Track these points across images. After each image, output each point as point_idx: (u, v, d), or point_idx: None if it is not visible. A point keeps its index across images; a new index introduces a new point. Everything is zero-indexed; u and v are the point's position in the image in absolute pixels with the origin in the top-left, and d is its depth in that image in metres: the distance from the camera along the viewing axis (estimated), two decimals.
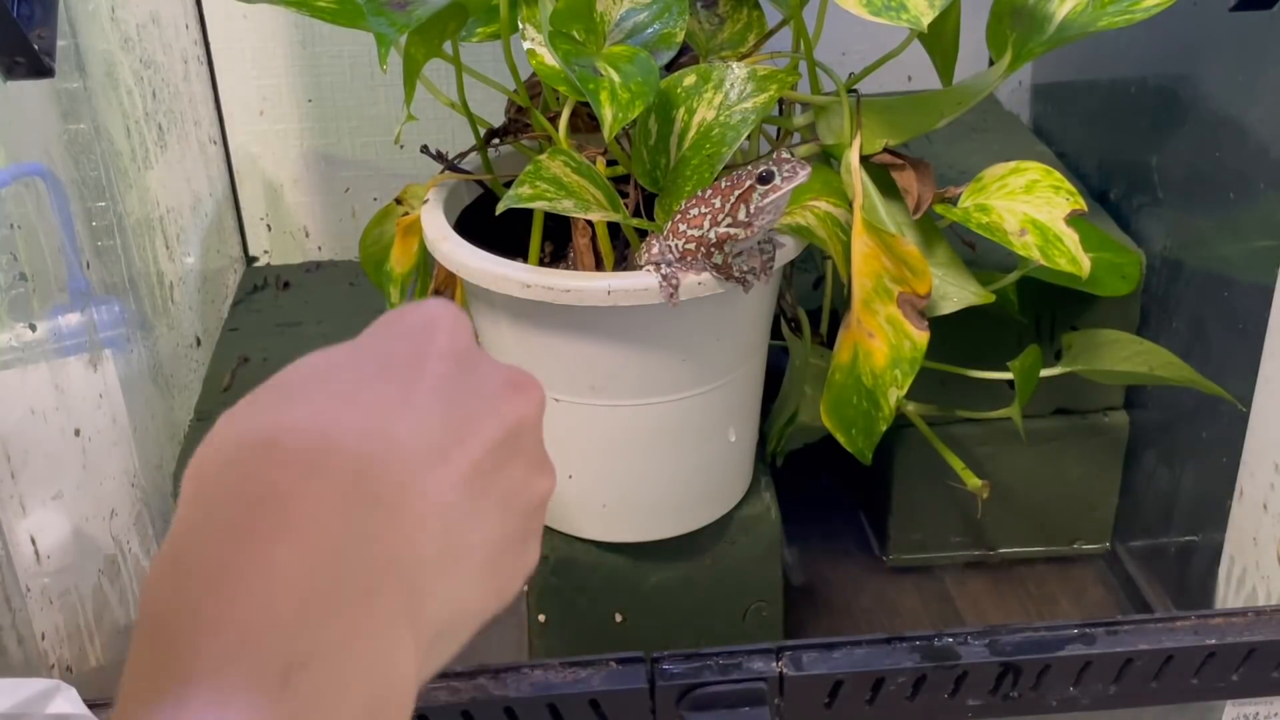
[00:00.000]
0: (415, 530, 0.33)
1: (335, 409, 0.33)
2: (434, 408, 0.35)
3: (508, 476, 0.37)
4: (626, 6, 0.69)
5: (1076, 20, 0.68)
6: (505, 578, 0.37)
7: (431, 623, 0.33)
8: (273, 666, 0.28)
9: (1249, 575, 0.77)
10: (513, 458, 0.37)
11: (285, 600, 0.29)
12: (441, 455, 0.34)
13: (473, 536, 0.35)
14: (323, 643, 0.29)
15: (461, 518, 0.34)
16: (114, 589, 0.74)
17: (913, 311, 0.68)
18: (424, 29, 0.63)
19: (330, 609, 0.30)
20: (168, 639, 0.29)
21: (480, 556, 0.35)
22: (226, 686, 0.28)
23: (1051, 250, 0.68)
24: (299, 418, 0.32)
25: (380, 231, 0.78)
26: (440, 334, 0.37)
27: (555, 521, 0.77)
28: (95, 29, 0.80)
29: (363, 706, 0.30)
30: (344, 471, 0.31)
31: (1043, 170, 0.71)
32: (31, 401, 0.66)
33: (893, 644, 0.65)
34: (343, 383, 0.34)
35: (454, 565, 0.34)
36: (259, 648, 0.28)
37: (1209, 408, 0.79)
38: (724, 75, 0.68)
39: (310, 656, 0.29)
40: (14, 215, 0.65)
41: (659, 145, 0.68)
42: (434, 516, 0.33)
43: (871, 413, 0.71)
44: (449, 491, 0.34)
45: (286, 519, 0.30)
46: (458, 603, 0.35)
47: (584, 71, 0.62)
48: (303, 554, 0.30)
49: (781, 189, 0.63)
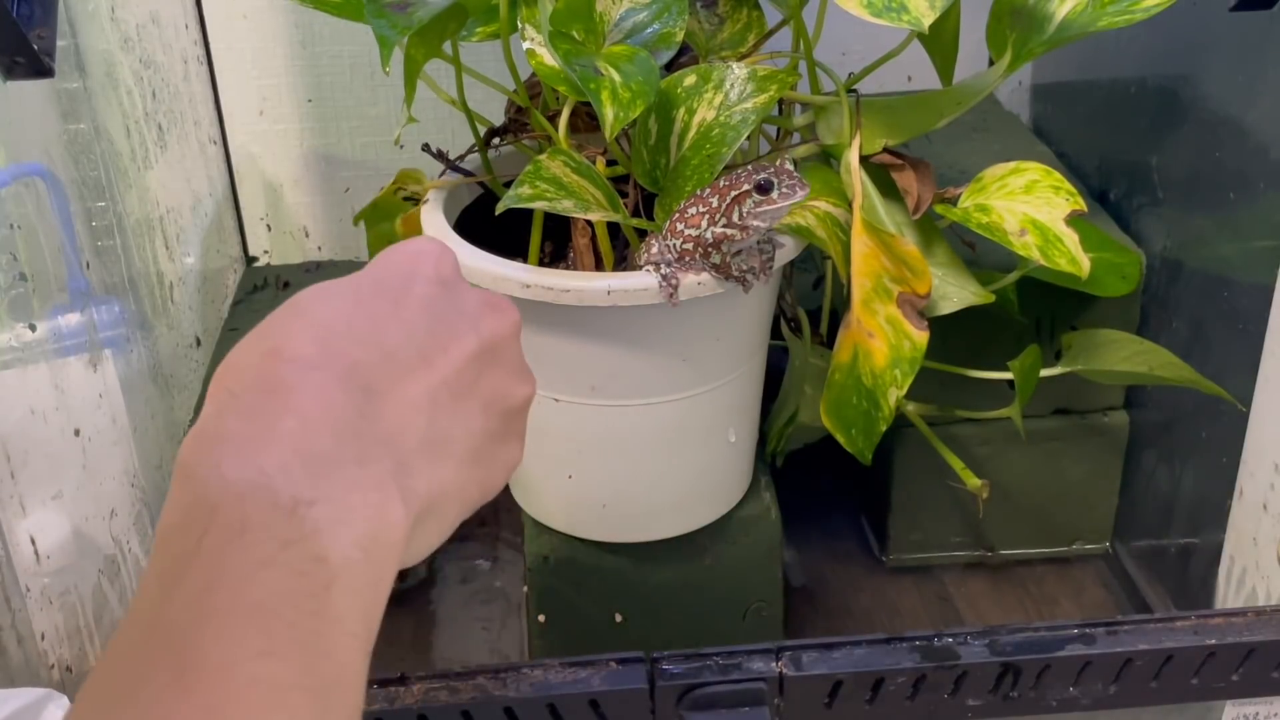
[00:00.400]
0: (402, 417, 0.39)
1: (335, 320, 0.39)
2: (420, 321, 0.41)
3: (488, 382, 0.43)
4: (626, 6, 0.69)
5: (1076, 20, 0.68)
6: (488, 469, 0.43)
7: (419, 495, 0.38)
8: (284, 499, 0.34)
9: (1249, 575, 0.77)
10: (492, 367, 0.43)
11: (292, 457, 0.35)
12: (426, 360, 0.40)
13: (455, 429, 0.41)
14: (324, 489, 0.35)
15: (444, 412, 0.40)
16: (114, 589, 0.74)
17: (912, 311, 0.68)
18: (424, 30, 0.63)
19: (329, 467, 0.36)
20: (196, 485, 0.35)
21: (462, 447, 0.41)
22: (247, 510, 0.34)
23: (1051, 250, 0.68)
24: (304, 327, 0.39)
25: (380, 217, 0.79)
26: (426, 263, 0.43)
27: (555, 521, 0.77)
28: (95, 29, 0.80)
29: (359, 539, 0.35)
30: (341, 368, 0.38)
31: (1043, 170, 0.71)
32: (31, 401, 0.66)
33: (893, 644, 0.65)
34: (342, 299, 0.40)
35: (438, 451, 0.40)
36: (271, 487, 0.34)
37: (1209, 408, 0.79)
38: (724, 75, 0.68)
39: (315, 498, 0.35)
40: (14, 215, 0.65)
41: (659, 145, 0.68)
42: (419, 408, 0.40)
43: (871, 413, 0.71)
44: (433, 389, 0.40)
45: (292, 401, 0.36)
46: (441, 483, 0.40)
47: (585, 71, 0.62)
48: (305, 426, 0.36)
49: (776, 204, 0.63)
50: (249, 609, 0.33)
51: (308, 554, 0.34)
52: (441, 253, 0.44)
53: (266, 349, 0.38)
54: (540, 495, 0.76)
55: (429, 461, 0.39)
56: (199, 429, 0.37)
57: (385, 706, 0.62)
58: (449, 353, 0.41)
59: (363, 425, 0.37)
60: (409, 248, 0.44)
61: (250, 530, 0.34)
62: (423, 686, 0.63)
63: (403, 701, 0.62)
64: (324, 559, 0.34)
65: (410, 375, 0.40)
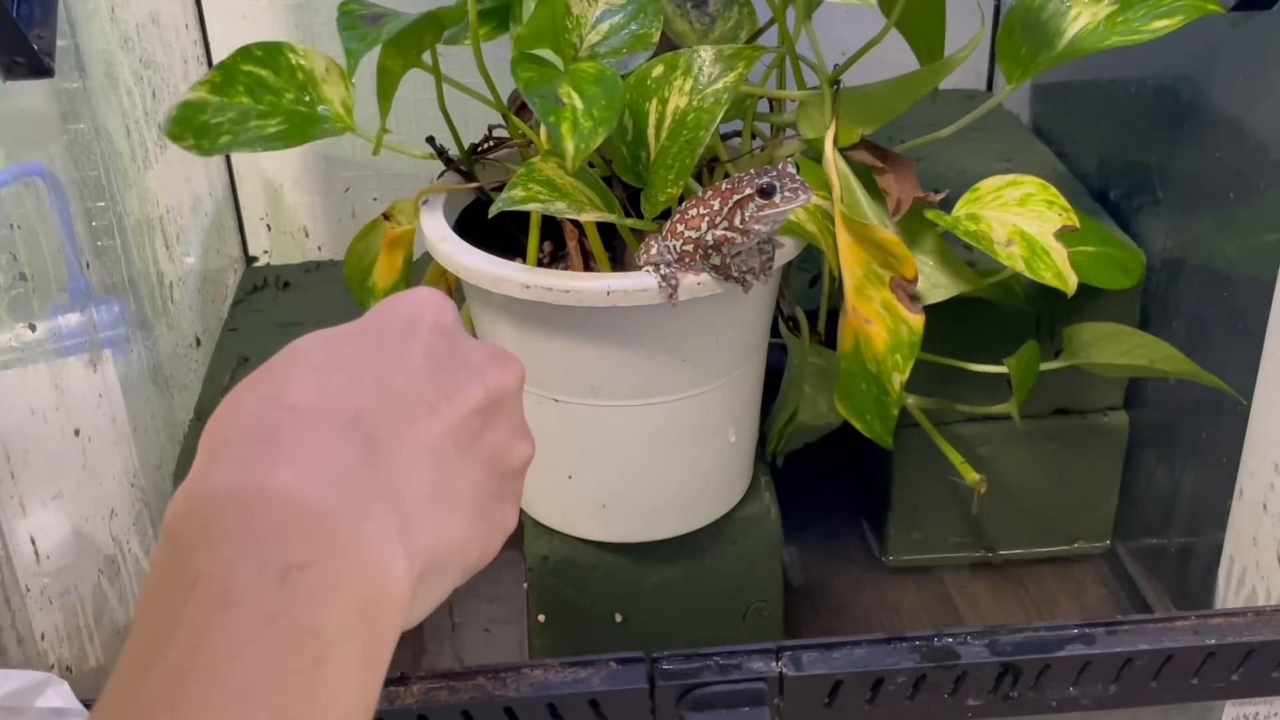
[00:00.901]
0: (406, 467, 0.37)
1: (337, 366, 0.38)
2: (424, 369, 0.39)
3: (491, 438, 0.41)
4: (602, 7, 0.69)
5: (1087, 38, 0.69)
6: (488, 529, 0.41)
7: (422, 551, 0.36)
8: (274, 566, 0.32)
9: (1249, 575, 0.77)
10: (496, 422, 0.41)
11: (286, 514, 0.33)
12: (431, 408, 0.39)
13: (460, 481, 0.39)
14: (320, 549, 0.33)
15: (449, 463, 0.39)
16: (114, 589, 0.74)
17: (905, 295, 0.68)
18: (398, 41, 0.64)
19: (327, 524, 0.33)
20: (181, 549, 0.33)
21: (467, 501, 0.39)
22: (232, 580, 0.32)
23: (1037, 263, 0.69)
24: (304, 372, 0.37)
25: (366, 246, 0.77)
26: (428, 313, 0.42)
27: (555, 522, 0.77)
28: (95, 29, 0.80)
29: (356, 605, 0.33)
30: (343, 415, 0.36)
31: (1039, 185, 0.71)
32: (31, 401, 0.66)
33: (892, 644, 0.65)
34: (344, 346, 0.39)
35: (443, 504, 0.38)
36: (260, 551, 0.32)
37: (1209, 408, 0.79)
38: (691, 60, 0.68)
39: (309, 560, 0.32)
40: (14, 215, 0.65)
41: (636, 139, 0.68)
42: (424, 458, 0.38)
43: (881, 398, 0.71)
44: (438, 439, 0.38)
45: (289, 450, 0.34)
46: (446, 539, 0.38)
47: (546, 102, 0.62)
48: (303, 479, 0.34)
49: (779, 208, 0.63)
50: (228, 697, 0.30)
51: (297, 628, 0.32)
52: (441, 302, 0.42)
53: (264, 394, 0.36)
54: (540, 495, 0.76)
55: (434, 515, 0.37)
56: (188, 484, 0.34)
57: (385, 706, 0.62)
58: (454, 403, 0.39)
59: (364, 476, 0.35)
60: (408, 296, 0.42)
61: (234, 604, 0.31)
62: (423, 686, 0.63)
63: (403, 701, 0.62)
64: (316, 632, 0.32)
65: (415, 424, 0.38)
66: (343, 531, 0.33)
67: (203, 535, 0.32)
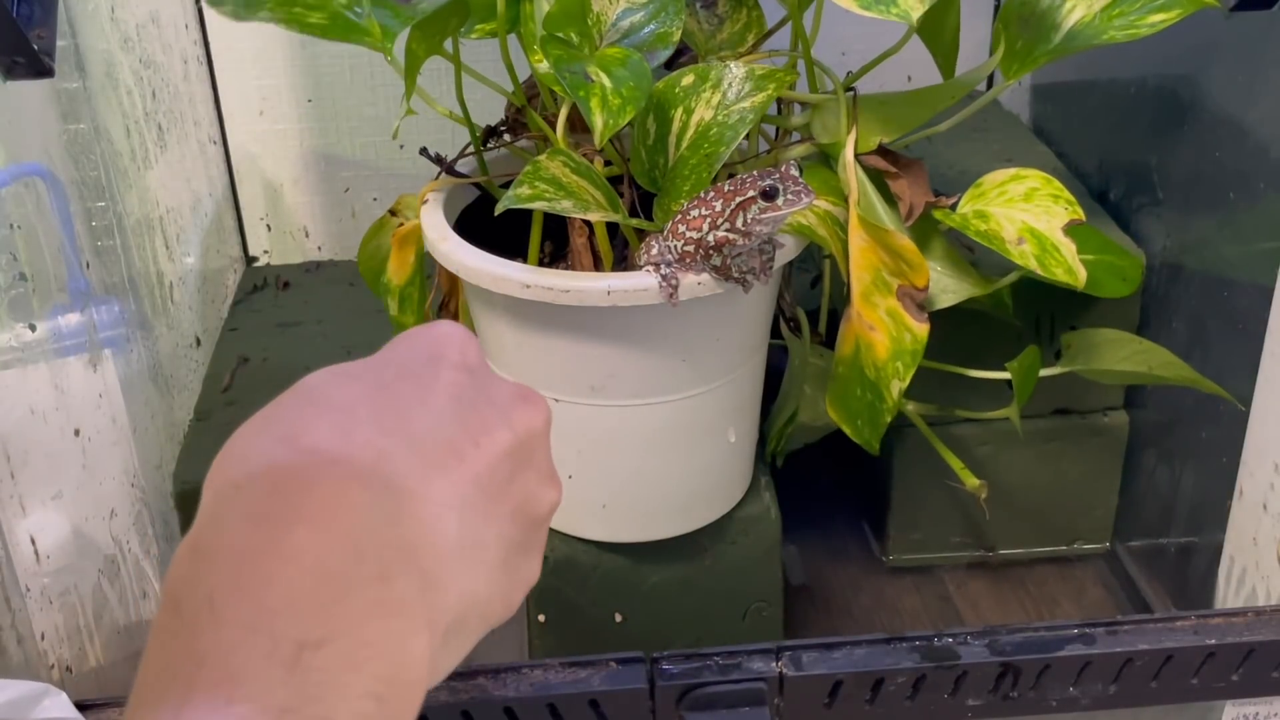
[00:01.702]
0: (432, 519, 0.34)
1: (356, 406, 0.34)
2: (448, 410, 0.36)
3: (520, 484, 0.38)
4: (623, 6, 0.69)
5: (1083, 32, 0.69)
6: (512, 583, 0.38)
7: (446, 611, 0.34)
8: (285, 647, 0.29)
9: (1249, 575, 0.77)
10: (525, 468, 0.38)
11: (300, 581, 0.30)
12: (457, 454, 0.35)
13: (487, 533, 0.36)
14: (336, 624, 0.30)
15: (476, 513, 0.35)
16: (114, 589, 0.74)
17: (912, 304, 0.68)
18: (426, 24, 0.63)
19: (345, 590, 0.30)
20: (184, 623, 0.30)
21: (494, 554, 0.36)
22: (238, 666, 0.29)
23: (1048, 259, 0.69)
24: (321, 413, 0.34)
25: (377, 245, 0.78)
26: (452, 349, 0.38)
27: (555, 522, 0.76)
28: (95, 29, 0.80)
29: (374, 686, 0.30)
30: (365, 461, 0.33)
31: (1043, 178, 0.71)
32: (31, 401, 0.66)
33: (893, 644, 0.65)
34: (362, 384, 0.36)
35: (469, 558, 0.35)
36: (271, 629, 0.29)
37: (1209, 408, 0.79)
38: (722, 75, 0.68)
39: (324, 637, 0.30)
40: (14, 215, 0.65)
41: (657, 145, 0.68)
42: (450, 508, 0.34)
43: (876, 404, 0.71)
44: (465, 486, 0.35)
45: (305, 503, 0.31)
46: (471, 595, 0.35)
47: (575, 78, 0.62)
48: (320, 536, 0.31)
49: (781, 210, 0.63)
50: None
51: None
52: (466, 338, 0.39)
53: (279, 435, 0.33)
54: None
55: (459, 570, 0.34)
56: (194, 539, 0.31)
57: None
58: (481, 447, 0.36)
59: (387, 532, 0.32)
60: (430, 332, 0.39)
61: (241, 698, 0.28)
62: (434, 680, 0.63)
63: None
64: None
65: (440, 470, 0.35)
66: (363, 599, 0.31)
67: (209, 610, 0.30)
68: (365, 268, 0.78)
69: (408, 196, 0.76)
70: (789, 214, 0.63)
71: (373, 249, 0.78)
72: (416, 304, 0.76)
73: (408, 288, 0.76)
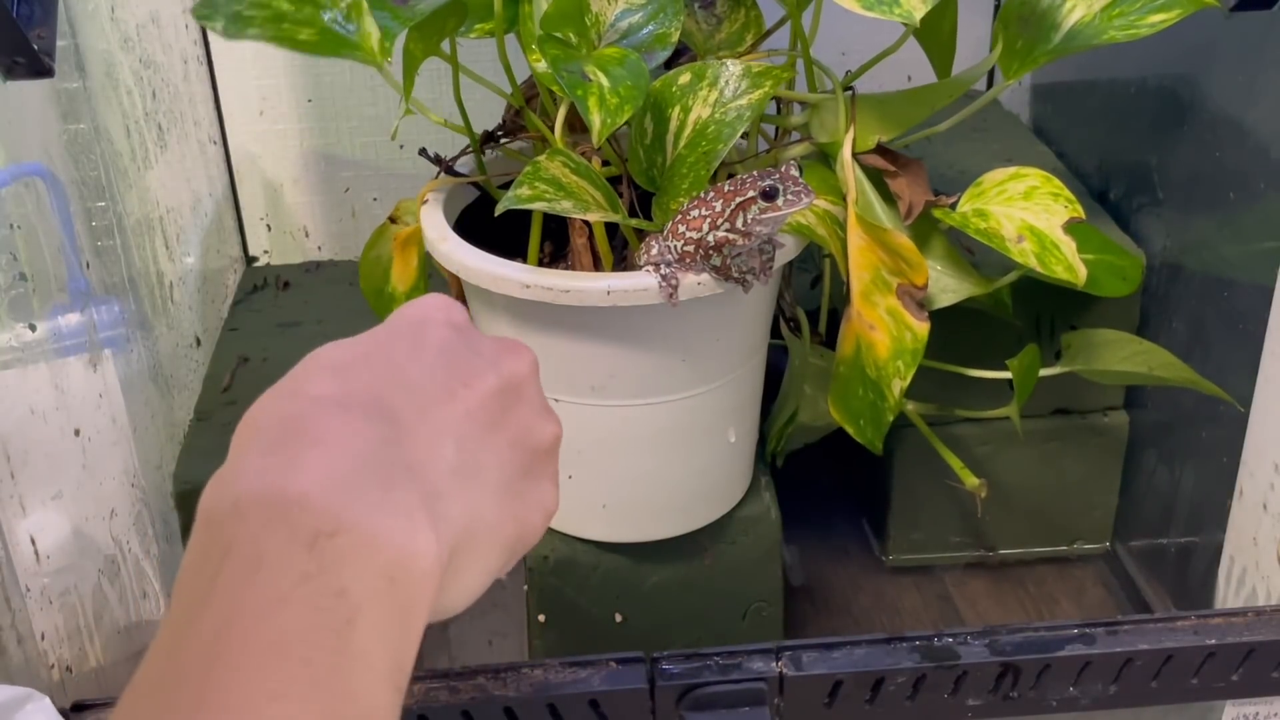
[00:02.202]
0: (429, 443, 0.38)
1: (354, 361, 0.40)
2: (438, 361, 0.41)
3: (514, 418, 0.42)
4: (621, 7, 0.69)
5: (1083, 31, 0.69)
6: (524, 506, 0.42)
7: (450, 522, 0.37)
8: (302, 533, 0.33)
9: (1249, 575, 0.77)
10: (517, 405, 0.42)
11: (312, 488, 0.34)
12: (449, 393, 0.40)
13: (485, 458, 0.40)
14: (346, 518, 0.34)
15: (472, 441, 0.40)
16: (114, 589, 0.74)
17: (912, 303, 0.68)
18: (424, 25, 0.63)
19: (353, 493, 0.35)
20: (214, 526, 0.34)
21: (494, 476, 0.40)
22: (261, 548, 0.33)
23: (1048, 257, 0.69)
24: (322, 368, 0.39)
25: (378, 254, 0.77)
26: (438, 312, 0.43)
27: (555, 521, 0.77)
28: (95, 29, 0.80)
29: (384, 571, 0.34)
30: (364, 400, 0.38)
31: (1042, 177, 0.71)
32: (31, 401, 0.66)
33: (893, 644, 0.65)
34: (359, 346, 0.41)
35: (469, 478, 0.39)
36: (288, 520, 0.34)
37: (1209, 408, 0.79)
38: (719, 73, 0.68)
39: (336, 528, 0.34)
40: (14, 215, 0.65)
41: (655, 144, 0.68)
42: (446, 435, 0.39)
43: (878, 404, 0.71)
44: (459, 418, 0.40)
45: (314, 434, 0.36)
46: (475, 511, 0.39)
47: (572, 77, 0.62)
48: (328, 454, 0.35)
49: (781, 210, 0.63)
50: (264, 648, 0.32)
51: (327, 588, 0.33)
52: (450, 304, 0.44)
53: (287, 391, 0.38)
54: None
55: (460, 488, 0.38)
56: (220, 473, 0.36)
57: None
58: (471, 387, 0.41)
59: (388, 452, 0.37)
60: (419, 302, 0.44)
61: (266, 566, 0.33)
62: (423, 686, 0.63)
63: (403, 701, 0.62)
64: (345, 593, 0.33)
65: (435, 406, 0.39)
66: (368, 501, 0.35)
67: (234, 511, 0.34)
68: (368, 282, 0.78)
69: (406, 201, 0.76)
70: (789, 214, 0.63)
71: (374, 260, 0.77)
72: None
73: (413, 293, 0.76)
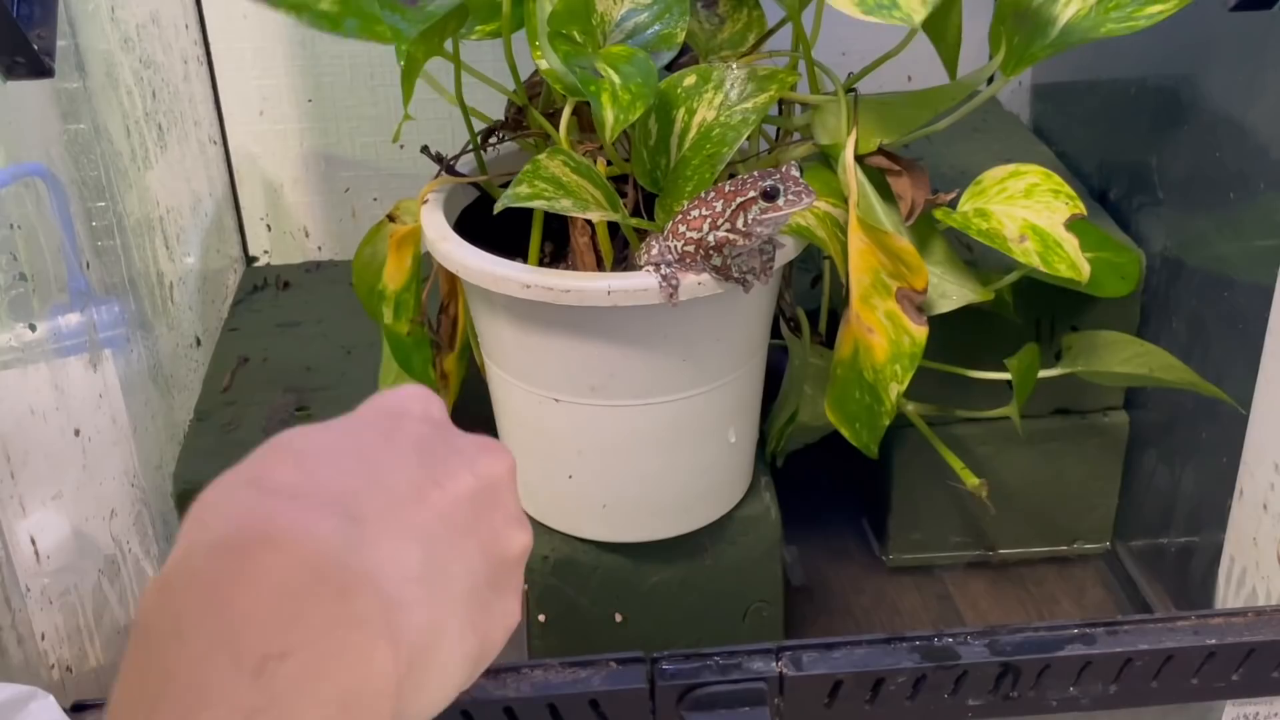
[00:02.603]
0: (393, 547, 0.35)
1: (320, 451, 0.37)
2: (411, 455, 0.38)
3: (487, 524, 0.39)
4: (627, 7, 0.69)
5: (1078, 26, 0.68)
6: (488, 621, 0.39)
7: (410, 634, 0.34)
8: (249, 658, 0.30)
9: (1249, 575, 0.77)
10: (491, 510, 0.39)
11: (262, 599, 0.31)
12: (419, 493, 0.37)
13: (453, 566, 0.37)
14: (297, 636, 0.31)
15: (441, 546, 0.37)
16: (114, 589, 0.74)
17: (911, 307, 0.68)
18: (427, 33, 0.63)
19: (305, 605, 0.32)
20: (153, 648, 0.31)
21: (461, 586, 0.37)
22: (204, 676, 0.30)
23: (1051, 256, 0.68)
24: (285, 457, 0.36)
25: (372, 252, 0.77)
26: (415, 405, 0.41)
27: (555, 521, 0.77)
28: (95, 29, 0.80)
29: (337, 698, 0.31)
30: (325, 495, 0.35)
31: (1042, 174, 0.71)
32: (31, 401, 0.66)
33: (893, 644, 0.65)
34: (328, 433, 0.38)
35: (433, 587, 0.36)
36: (235, 642, 0.31)
37: (1209, 408, 0.79)
38: (724, 75, 0.68)
39: (286, 649, 0.31)
40: (14, 215, 0.65)
41: (659, 146, 0.68)
42: (413, 539, 0.36)
43: (874, 407, 0.71)
44: (429, 521, 0.37)
45: (269, 532, 0.33)
46: (437, 624, 0.36)
47: (584, 73, 0.62)
48: (281, 559, 0.32)
49: (782, 210, 0.62)
50: None
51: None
52: (429, 396, 0.42)
53: (245, 479, 0.35)
54: (540, 495, 0.76)
55: (424, 598, 0.35)
56: (162, 577, 0.33)
57: None
58: (443, 487, 0.38)
59: (347, 556, 0.33)
60: (395, 393, 0.42)
61: (209, 704, 0.30)
62: None
63: None
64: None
65: (403, 505, 0.36)
66: (322, 615, 0.32)
67: (175, 630, 0.31)
68: (360, 280, 0.77)
69: (406, 201, 0.76)
70: (790, 215, 0.63)
71: (368, 256, 0.77)
72: (412, 310, 0.75)
73: (404, 293, 0.75)
